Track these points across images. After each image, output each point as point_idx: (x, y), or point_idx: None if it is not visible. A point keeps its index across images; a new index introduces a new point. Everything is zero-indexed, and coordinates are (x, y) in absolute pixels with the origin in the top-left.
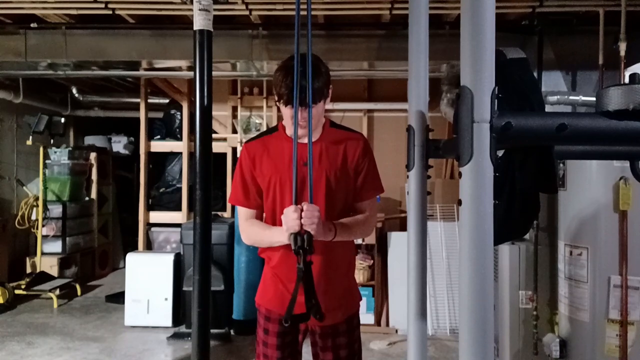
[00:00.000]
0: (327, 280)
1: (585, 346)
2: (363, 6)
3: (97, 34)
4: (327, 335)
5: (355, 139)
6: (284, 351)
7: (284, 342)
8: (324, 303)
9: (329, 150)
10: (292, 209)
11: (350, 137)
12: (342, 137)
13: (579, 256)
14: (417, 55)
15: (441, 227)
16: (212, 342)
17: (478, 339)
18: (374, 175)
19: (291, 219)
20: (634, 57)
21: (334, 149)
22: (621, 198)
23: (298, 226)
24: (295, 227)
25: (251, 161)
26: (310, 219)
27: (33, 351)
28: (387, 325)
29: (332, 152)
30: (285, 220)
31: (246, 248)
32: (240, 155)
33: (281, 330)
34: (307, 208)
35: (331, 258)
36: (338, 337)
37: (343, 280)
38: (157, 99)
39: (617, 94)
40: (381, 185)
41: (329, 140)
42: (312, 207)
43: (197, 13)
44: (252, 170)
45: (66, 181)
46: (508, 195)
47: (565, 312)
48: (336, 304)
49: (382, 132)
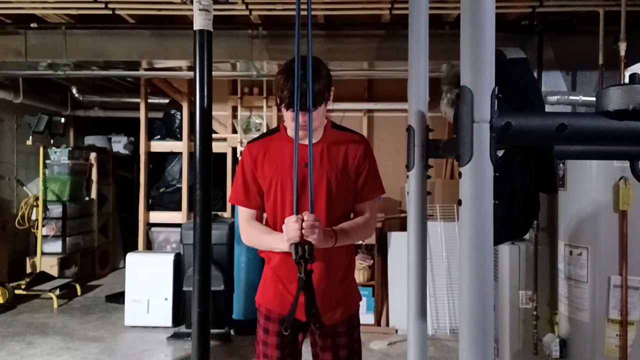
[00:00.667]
0: (327, 282)
1: (585, 346)
2: (363, 6)
3: (97, 34)
4: (327, 335)
5: (356, 140)
6: (283, 351)
7: (284, 342)
8: (323, 304)
9: (330, 152)
10: (292, 219)
11: (351, 139)
12: (343, 138)
13: (579, 256)
14: (417, 55)
15: (441, 227)
16: (212, 342)
17: (478, 339)
18: (375, 177)
19: (292, 230)
20: (634, 57)
21: (335, 150)
22: (621, 198)
23: (299, 236)
24: (296, 237)
25: (253, 162)
26: (311, 229)
27: (33, 351)
28: (387, 325)
29: (333, 154)
30: (286, 230)
31: (246, 248)
32: (242, 156)
33: (281, 329)
34: (308, 218)
35: (331, 260)
36: (338, 337)
37: (343, 281)
38: (157, 99)
39: (617, 94)
40: (382, 186)
41: (330, 142)
42: (312, 217)
43: (197, 13)
44: (254, 171)
45: (66, 181)
46: (508, 195)
47: (565, 312)
48: (335, 304)
49: (382, 132)
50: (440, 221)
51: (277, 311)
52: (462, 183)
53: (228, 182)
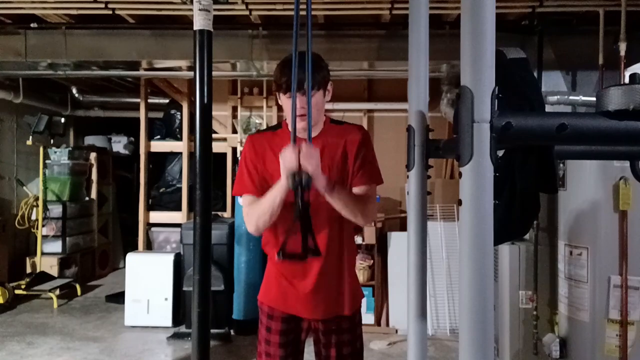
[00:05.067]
0: (330, 277)
1: (585, 346)
2: (363, 6)
3: (97, 34)
4: (330, 332)
5: (355, 130)
6: (286, 349)
7: (287, 340)
8: (325, 299)
9: (330, 146)
10: (289, 149)
11: (349, 130)
12: (342, 130)
13: (579, 256)
14: (417, 55)
15: (441, 227)
16: (212, 342)
17: (478, 339)
18: (372, 164)
19: (289, 158)
20: (634, 57)
21: (334, 143)
22: (621, 198)
23: (296, 164)
24: (293, 165)
25: (255, 153)
26: (308, 158)
27: (33, 351)
28: (387, 325)
29: (333, 147)
30: (282, 160)
31: (246, 248)
32: (244, 147)
33: (284, 328)
34: (306, 148)
35: (334, 256)
36: (342, 334)
37: (346, 277)
38: (157, 99)
39: (617, 94)
40: (380, 176)
41: (329, 135)
42: (310, 147)
43: (197, 13)
44: (256, 162)
45: (66, 181)
46: (508, 195)
47: (565, 312)
48: (337, 299)
49: (382, 132)
50: (440, 221)
51: (280, 309)
52: (462, 183)
53: (228, 182)
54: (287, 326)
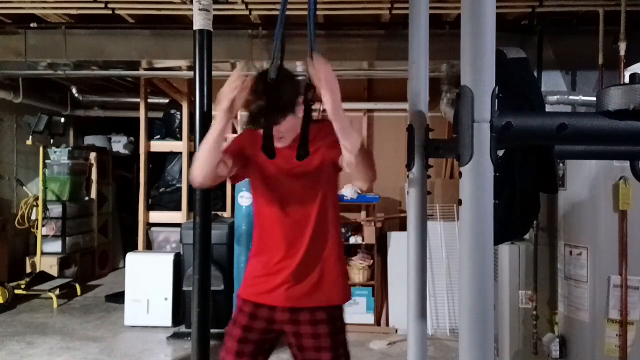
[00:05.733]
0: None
1: (585, 346)
2: (363, 6)
3: (97, 34)
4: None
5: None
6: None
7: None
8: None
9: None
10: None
11: (319, 129)
12: (316, 133)
13: (579, 256)
14: (417, 55)
15: (441, 227)
16: (212, 342)
17: (478, 339)
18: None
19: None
20: (634, 57)
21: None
22: (621, 198)
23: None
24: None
25: (249, 140)
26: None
27: (33, 351)
28: (387, 325)
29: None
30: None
31: (246, 248)
32: (241, 133)
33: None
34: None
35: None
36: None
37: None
38: (157, 99)
39: (618, 94)
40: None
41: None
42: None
43: (197, 13)
44: (246, 144)
45: (66, 181)
46: (508, 195)
47: (565, 312)
48: (312, 289)
49: (382, 132)
50: (440, 221)
51: (252, 301)
52: (462, 183)
53: (228, 182)
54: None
